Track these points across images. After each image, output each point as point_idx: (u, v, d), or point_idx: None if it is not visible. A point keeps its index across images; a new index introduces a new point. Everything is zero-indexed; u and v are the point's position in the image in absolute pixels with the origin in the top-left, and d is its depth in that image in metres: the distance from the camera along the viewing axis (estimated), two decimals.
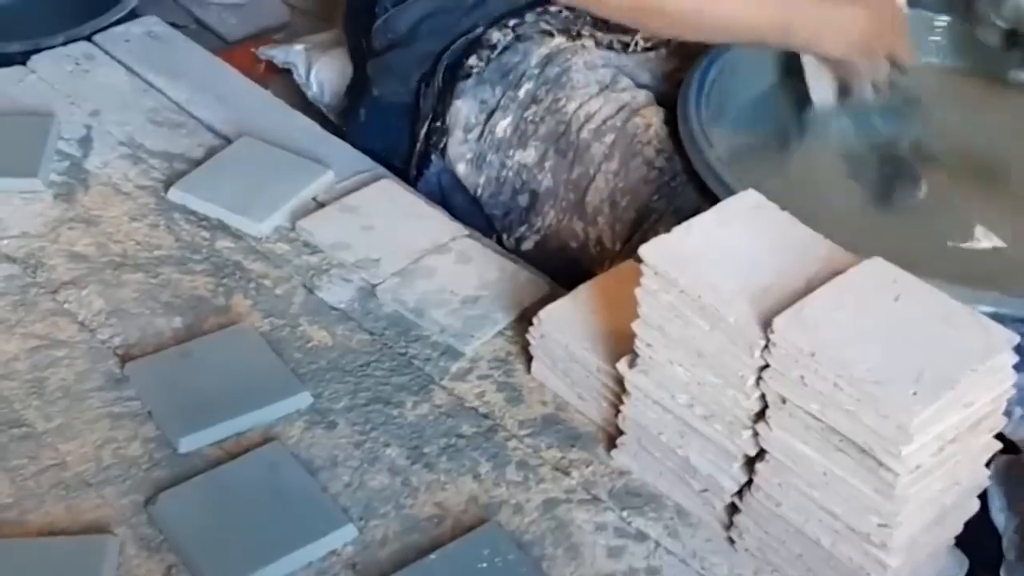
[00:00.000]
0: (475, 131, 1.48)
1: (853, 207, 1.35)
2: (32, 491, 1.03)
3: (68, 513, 1.01)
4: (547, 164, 1.44)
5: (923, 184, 1.39)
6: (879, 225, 1.34)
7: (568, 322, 1.14)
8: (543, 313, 1.15)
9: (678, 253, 0.98)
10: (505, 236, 1.47)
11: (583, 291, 1.17)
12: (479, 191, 1.48)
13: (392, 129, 1.55)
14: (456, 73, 1.49)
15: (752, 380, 0.94)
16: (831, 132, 1.44)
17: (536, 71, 1.46)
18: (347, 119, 1.63)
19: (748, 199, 1.05)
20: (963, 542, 1.02)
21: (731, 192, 1.11)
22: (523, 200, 1.46)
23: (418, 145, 1.52)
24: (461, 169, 1.49)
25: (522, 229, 1.46)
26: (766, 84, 1.51)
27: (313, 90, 1.74)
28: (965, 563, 1.03)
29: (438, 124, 1.50)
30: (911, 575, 0.98)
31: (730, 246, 0.99)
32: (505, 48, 1.48)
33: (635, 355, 1.04)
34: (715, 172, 1.26)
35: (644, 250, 0.98)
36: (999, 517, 1.01)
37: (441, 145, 1.50)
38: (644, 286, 0.99)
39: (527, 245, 1.45)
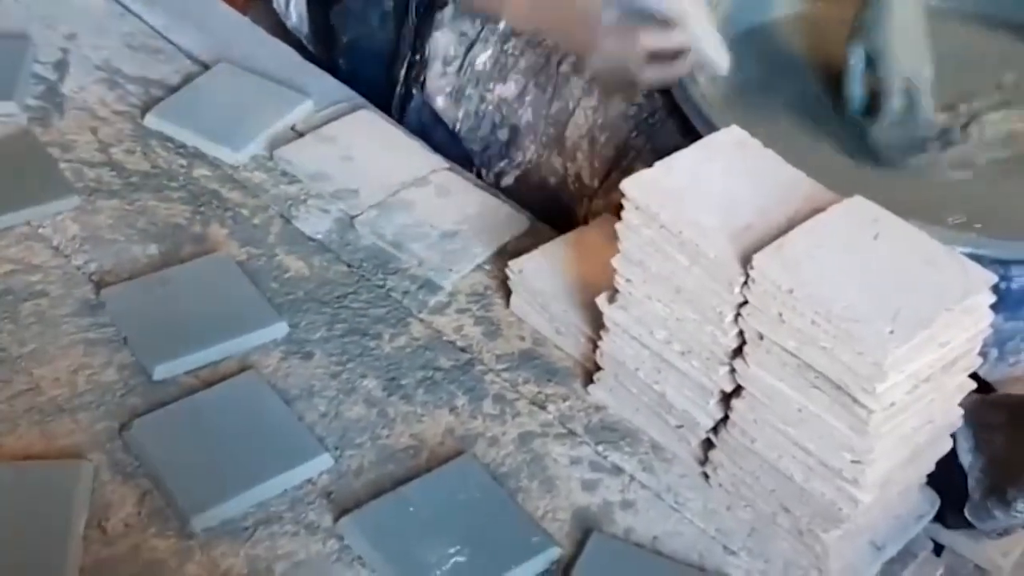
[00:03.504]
0: (454, 64, 1.46)
1: (836, 146, 1.35)
2: (6, 415, 1.02)
3: (42, 438, 1.01)
4: (527, 98, 1.43)
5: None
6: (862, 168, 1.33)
7: (546, 267, 1.14)
8: (517, 263, 1.15)
9: (660, 188, 0.97)
10: (484, 171, 1.46)
11: (560, 242, 1.18)
12: (458, 125, 1.47)
13: (371, 75, 1.53)
14: (434, 3, 1.47)
15: (730, 316, 0.94)
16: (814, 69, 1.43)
17: None
18: (327, 67, 1.60)
19: (731, 135, 1.04)
20: (934, 481, 1.04)
21: (714, 129, 1.11)
22: (502, 135, 1.45)
23: (398, 87, 1.50)
24: (440, 103, 1.47)
25: (502, 164, 1.45)
26: (753, 20, 1.50)
27: (292, 20, 1.71)
28: (936, 501, 1.04)
29: (417, 57, 1.48)
30: (882, 512, 0.99)
31: (712, 182, 0.98)
32: None
33: (614, 291, 1.04)
34: (699, 109, 1.25)
35: (626, 184, 0.98)
36: (966, 457, 1.02)
37: (420, 78, 1.48)
38: (625, 221, 0.99)
39: (507, 180, 1.44)
